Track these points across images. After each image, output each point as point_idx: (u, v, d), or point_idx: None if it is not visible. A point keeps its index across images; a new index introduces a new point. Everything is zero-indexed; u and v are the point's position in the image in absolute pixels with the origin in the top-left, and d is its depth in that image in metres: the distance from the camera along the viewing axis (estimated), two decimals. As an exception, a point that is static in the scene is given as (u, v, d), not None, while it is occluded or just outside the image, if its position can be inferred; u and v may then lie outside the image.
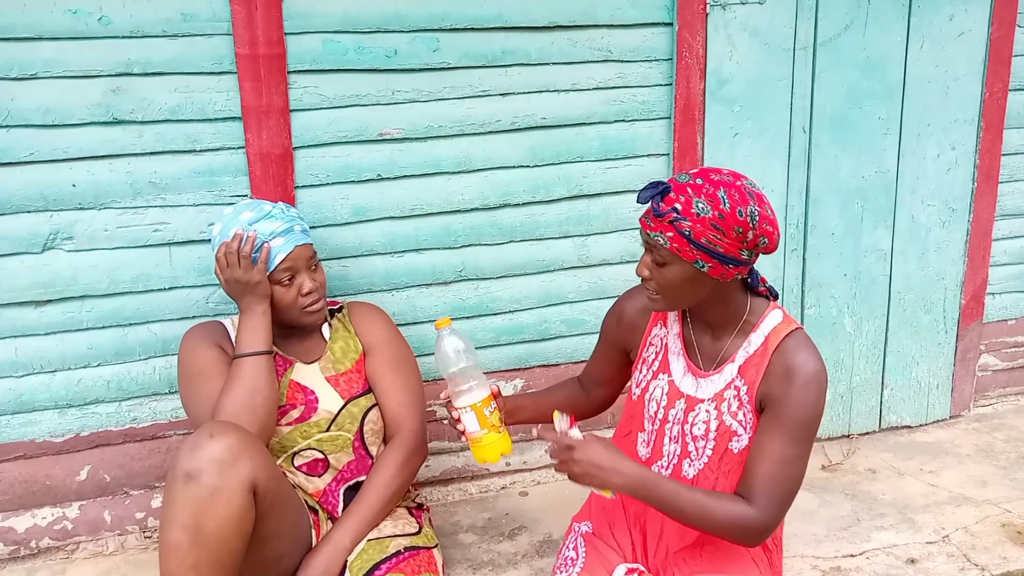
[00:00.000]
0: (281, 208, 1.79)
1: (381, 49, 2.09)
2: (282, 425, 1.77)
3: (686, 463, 1.58)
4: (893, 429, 2.78)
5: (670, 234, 1.42)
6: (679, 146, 2.35)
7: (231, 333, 1.82)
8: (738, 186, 1.43)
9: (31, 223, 1.97)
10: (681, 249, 1.42)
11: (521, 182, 2.28)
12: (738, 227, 1.41)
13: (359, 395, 1.84)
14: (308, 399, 1.80)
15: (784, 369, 1.47)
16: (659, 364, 1.64)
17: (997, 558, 2.09)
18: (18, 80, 1.89)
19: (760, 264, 2.50)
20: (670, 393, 1.60)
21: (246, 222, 1.73)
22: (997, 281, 2.80)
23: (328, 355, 1.86)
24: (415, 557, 1.72)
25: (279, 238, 1.73)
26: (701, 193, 1.41)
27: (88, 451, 2.13)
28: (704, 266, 1.44)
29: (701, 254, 1.43)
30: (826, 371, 1.48)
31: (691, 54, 2.29)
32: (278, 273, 1.74)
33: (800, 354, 1.47)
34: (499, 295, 2.35)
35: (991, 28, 2.52)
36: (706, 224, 1.41)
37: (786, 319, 1.53)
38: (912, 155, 2.56)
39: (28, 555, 2.14)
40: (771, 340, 1.51)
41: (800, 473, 1.47)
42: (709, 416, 1.55)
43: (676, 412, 1.59)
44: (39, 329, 2.03)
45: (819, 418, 1.47)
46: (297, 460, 1.79)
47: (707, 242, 1.41)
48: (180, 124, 2.00)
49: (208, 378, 1.73)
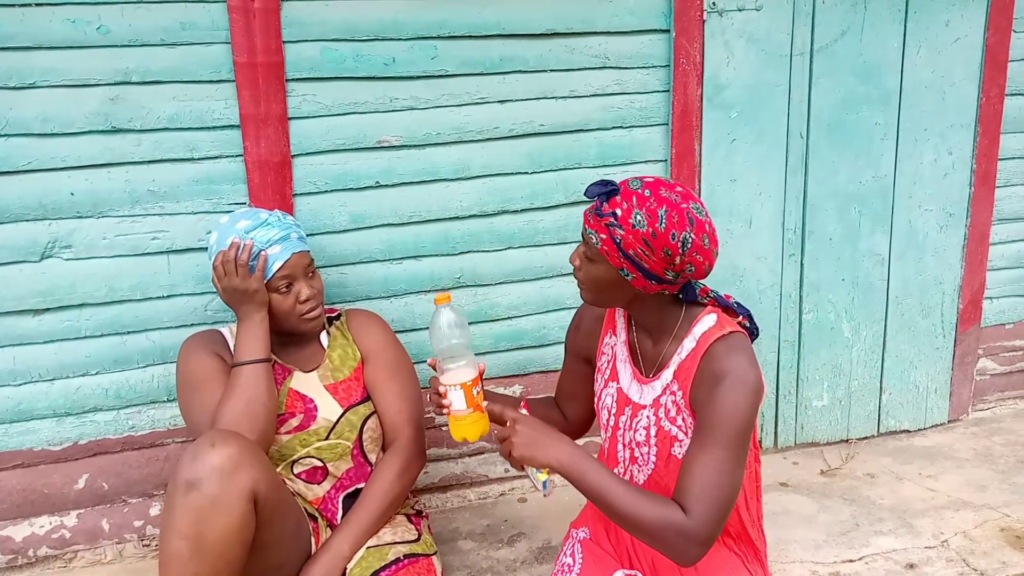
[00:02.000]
0: (278, 216, 1.79)
1: (379, 57, 2.09)
2: (281, 433, 1.76)
3: (634, 468, 1.60)
4: (892, 433, 2.78)
5: (603, 236, 1.44)
6: (677, 152, 2.36)
7: (229, 342, 1.82)
8: (682, 208, 1.41)
9: (29, 231, 1.97)
10: (610, 253, 1.44)
11: (519, 189, 2.29)
12: (667, 248, 1.41)
13: (358, 403, 1.83)
14: (307, 407, 1.79)
15: (710, 373, 1.44)
16: (609, 372, 1.66)
17: (996, 563, 2.09)
18: (17, 89, 1.89)
19: (758, 270, 2.51)
20: (619, 400, 1.62)
21: (243, 230, 1.73)
22: (995, 285, 2.80)
23: (327, 363, 1.85)
24: (414, 564, 1.72)
25: (276, 245, 1.73)
26: (644, 206, 1.41)
27: (86, 459, 2.13)
28: (628, 275, 1.45)
29: (627, 263, 1.44)
30: (758, 374, 1.43)
31: (688, 60, 2.30)
32: (275, 281, 1.74)
33: (728, 359, 1.43)
34: (498, 301, 2.35)
35: (987, 33, 2.53)
36: (638, 237, 1.41)
37: (719, 323, 1.50)
38: (909, 160, 2.57)
39: (26, 564, 2.14)
40: (701, 344, 1.49)
41: (733, 479, 1.40)
42: (650, 422, 1.55)
43: (625, 419, 1.60)
44: (37, 337, 2.03)
45: (748, 422, 1.41)
46: (296, 468, 1.79)
47: (634, 254, 1.42)
48: (178, 132, 2.00)
49: (207, 387, 1.73)
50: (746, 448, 1.43)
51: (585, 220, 1.49)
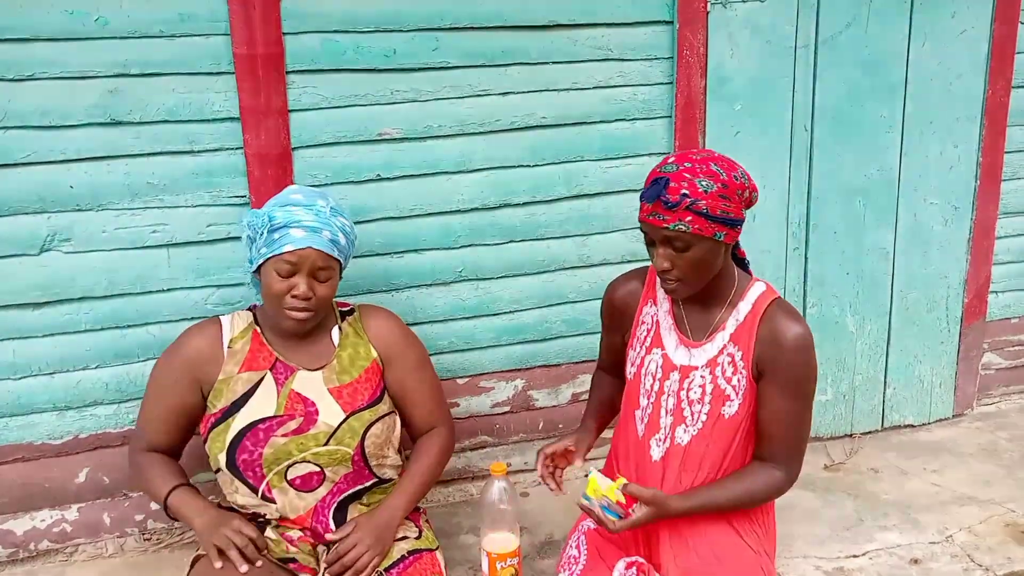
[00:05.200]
0: (326, 212, 1.68)
1: (380, 49, 2.08)
2: (278, 436, 1.68)
3: (680, 429, 1.66)
4: (896, 428, 2.77)
5: (689, 219, 1.50)
6: (680, 145, 2.34)
7: (225, 336, 1.75)
8: (719, 156, 1.55)
9: (29, 224, 1.96)
10: (702, 228, 1.51)
11: (521, 182, 2.27)
12: (739, 190, 1.54)
13: (363, 408, 1.74)
14: (308, 410, 1.71)
15: (771, 335, 1.59)
16: (651, 340, 1.71)
17: (1001, 558, 2.07)
18: (15, 81, 1.88)
19: (762, 264, 2.50)
20: (664, 366, 1.68)
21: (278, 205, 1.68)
22: (1000, 279, 2.78)
23: (334, 363, 1.76)
24: (419, 560, 1.71)
25: (299, 230, 1.63)
26: (698, 173, 1.51)
27: (87, 453, 2.12)
28: (721, 236, 1.53)
29: (718, 225, 1.52)
30: (810, 332, 1.61)
31: (692, 52, 2.28)
32: (279, 261, 1.63)
33: (785, 320, 1.60)
34: (500, 295, 2.34)
35: (994, 25, 2.51)
36: (715, 197, 1.50)
37: (769, 289, 1.66)
38: (914, 153, 2.55)
39: (27, 557, 2.13)
40: (757, 308, 1.62)
41: (807, 426, 1.65)
42: (704, 380, 1.64)
43: (671, 383, 1.67)
44: (37, 331, 2.02)
45: (814, 374, 1.63)
46: (291, 473, 1.70)
47: (722, 212, 1.51)
48: (178, 125, 1.99)
49: (160, 397, 1.75)
50: (812, 398, 1.63)
51: (657, 224, 1.52)
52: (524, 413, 2.46)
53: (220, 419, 1.70)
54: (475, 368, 2.38)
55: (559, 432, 2.50)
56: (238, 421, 1.68)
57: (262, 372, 1.72)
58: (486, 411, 2.42)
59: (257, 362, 1.73)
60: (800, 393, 1.60)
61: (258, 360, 1.73)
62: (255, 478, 1.69)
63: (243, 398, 1.70)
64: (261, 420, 1.68)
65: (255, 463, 1.67)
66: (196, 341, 1.75)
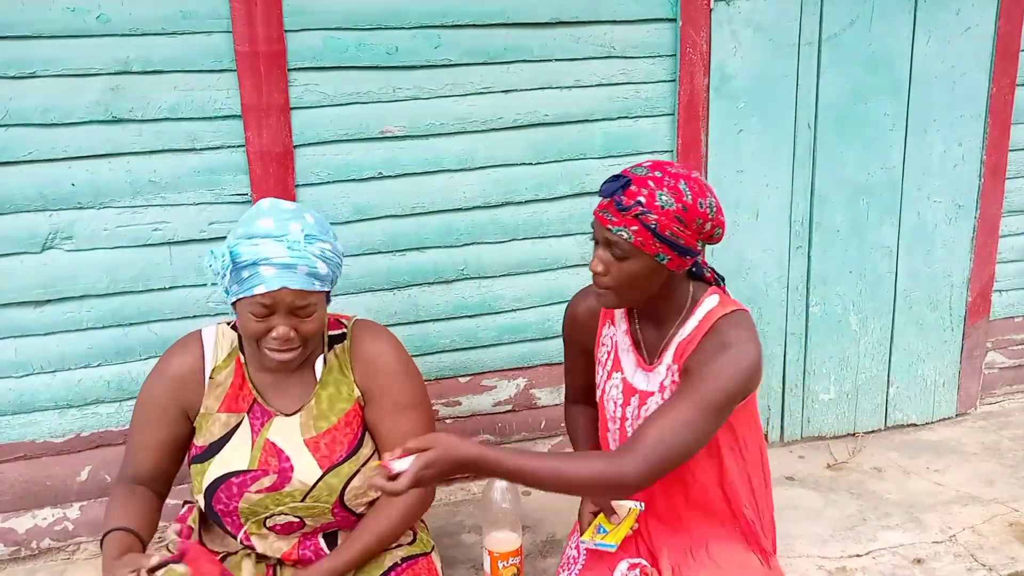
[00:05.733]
0: (297, 239, 1.45)
1: (382, 46, 2.07)
2: (251, 492, 1.55)
3: None
4: (899, 427, 2.76)
5: (635, 228, 1.41)
6: (683, 143, 2.33)
7: (207, 364, 1.59)
8: (694, 178, 1.45)
9: (30, 222, 1.96)
10: (645, 242, 1.42)
11: (524, 180, 2.27)
12: (699, 218, 1.43)
13: (341, 461, 1.57)
14: (282, 466, 1.56)
15: (711, 346, 1.45)
16: (611, 363, 1.64)
17: (1005, 558, 2.07)
18: (17, 79, 1.87)
19: (765, 262, 2.49)
20: (624, 391, 1.60)
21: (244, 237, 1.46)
22: (1004, 278, 2.77)
23: (312, 406, 1.59)
24: (413, 566, 1.65)
25: (270, 268, 1.43)
26: (663, 185, 1.42)
27: (89, 451, 2.12)
28: (664, 259, 1.44)
29: (664, 247, 1.43)
30: (757, 354, 1.43)
31: (695, 50, 2.27)
32: (252, 303, 1.45)
33: (731, 332, 1.45)
34: (502, 293, 2.34)
35: (998, 22, 2.50)
36: (670, 216, 1.41)
37: (722, 302, 1.53)
38: (918, 151, 2.54)
39: (29, 556, 2.13)
40: (704, 323, 1.50)
41: (690, 442, 1.38)
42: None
43: (632, 409, 1.59)
44: (39, 329, 2.02)
45: (732, 394, 1.41)
46: (270, 521, 1.59)
47: (671, 235, 1.42)
48: (180, 122, 1.99)
49: (147, 425, 1.59)
50: (716, 420, 1.41)
51: (603, 222, 1.45)
52: (526, 412, 2.46)
53: (199, 457, 1.59)
54: (477, 367, 2.37)
55: (561, 431, 2.49)
56: (213, 468, 1.57)
57: (240, 416, 1.58)
58: (488, 410, 2.42)
59: (236, 403, 1.59)
60: (704, 404, 1.38)
61: (238, 400, 1.59)
62: (233, 526, 1.60)
63: (219, 442, 1.58)
64: (235, 473, 1.56)
65: (232, 513, 1.58)
66: (176, 366, 1.59)
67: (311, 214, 1.52)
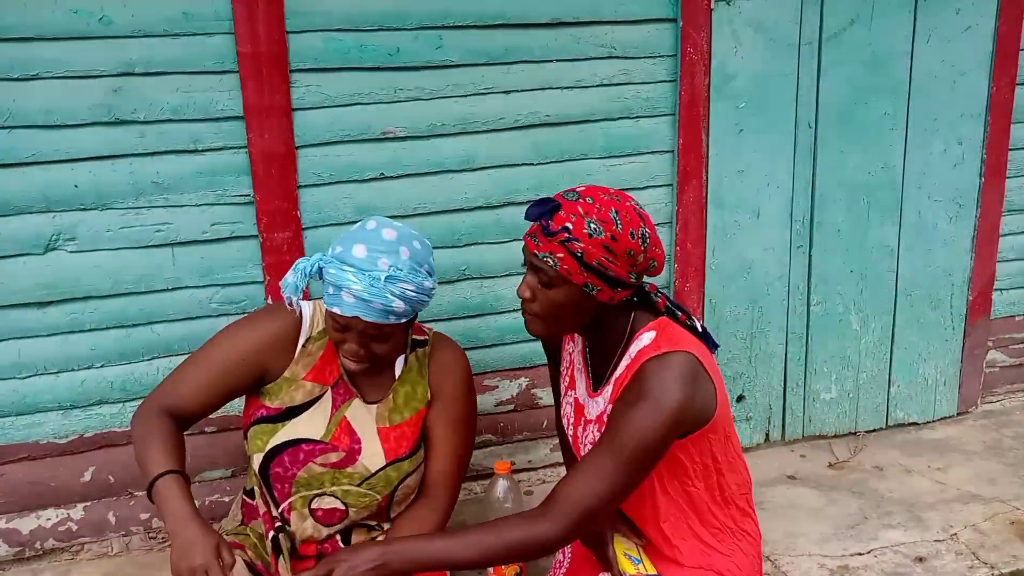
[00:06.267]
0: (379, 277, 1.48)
1: (383, 47, 2.08)
2: (316, 463, 1.61)
3: None
4: (900, 426, 2.77)
5: (560, 255, 1.36)
6: (684, 143, 2.34)
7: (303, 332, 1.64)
8: (628, 206, 1.39)
9: (34, 224, 1.96)
10: (571, 271, 1.37)
11: (525, 180, 2.27)
12: (630, 249, 1.37)
13: (404, 457, 1.66)
14: (352, 447, 1.64)
15: (631, 392, 1.38)
16: (568, 380, 1.61)
17: (1006, 556, 2.07)
18: (20, 81, 1.88)
19: (766, 262, 2.49)
20: (576, 410, 1.57)
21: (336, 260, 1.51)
22: (1005, 277, 2.78)
23: (389, 400, 1.68)
24: None
25: (349, 295, 1.49)
26: (593, 213, 1.36)
27: (92, 452, 2.13)
28: (593, 289, 1.38)
29: (591, 277, 1.37)
30: (679, 402, 1.34)
31: (695, 50, 2.28)
32: (330, 315, 1.55)
33: (652, 379, 1.36)
34: (503, 293, 2.34)
35: (998, 22, 2.50)
36: (598, 245, 1.35)
37: (655, 342, 1.42)
38: (918, 150, 2.54)
39: (33, 556, 2.14)
40: (635, 363, 1.43)
41: (609, 495, 1.35)
42: (595, 436, 1.50)
43: (581, 429, 1.55)
44: (42, 330, 2.02)
45: (651, 447, 1.34)
46: (315, 503, 1.64)
47: (598, 264, 1.36)
48: (182, 124, 1.99)
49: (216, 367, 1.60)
50: (638, 471, 1.36)
51: (530, 247, 1.40)
52: (528, 411, 2.46)
53: (269, 418, 1.62)
54: (479, 367, 2.38)
55: (563, 430, 2.50)
56: (285, 431, 1.61)
57: (324, 388, 1.65)
58: (490, 409, 2.42)
59: (324, 374, 1.65)
60: (623, 457, 1.34)
61: (325, 373, 1.65)
62: (281, 493, 1.64)
63: (298, 408, 1.63)
64: (306, 440, 1.61)
65: (286, 480, 1.62)
66: (273, 325, 1.64)
67: (409, 248, 1.54)
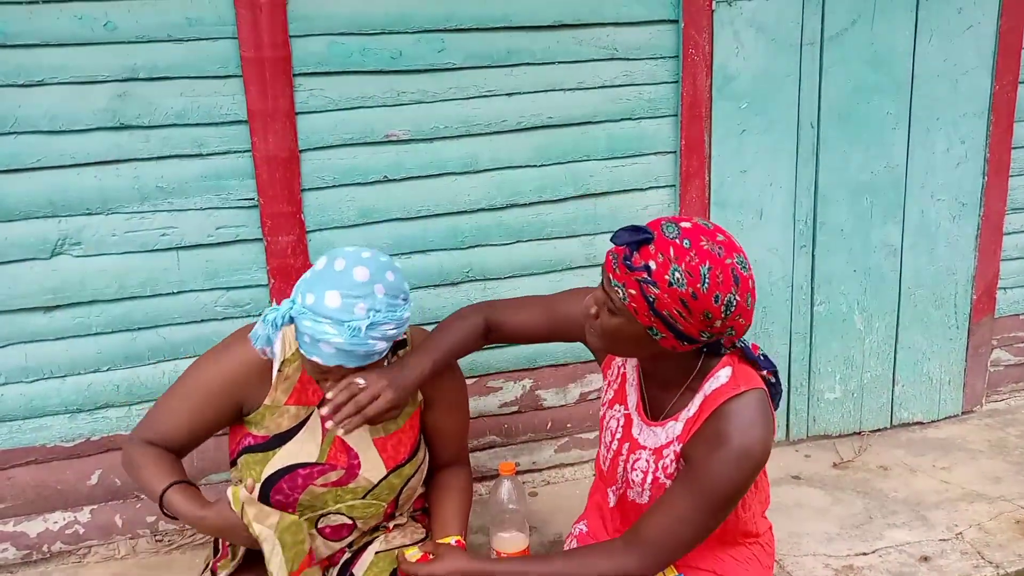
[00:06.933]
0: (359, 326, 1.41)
1: (386, 50, 2.09)
2: (317, 484, 1.57)
3: (630, 492, 1.53)
4: (905, 426, 2.76)
5: (633, 291, 1.28)
6: (686, 144, 2.34)
7: (276, 356, 1.56)
8: (727, 265, 1.27)
9: (39, 229, 1.97)
10: (639, 310, 1.29)
11: (528, 182, 2.28)
12: (708, 312, 1.27)
13: (404, 462, 1.63)
14: (351, 463, 1.59)
15: (714, 433, 1.34)
16: (615, 392, 1.56)
17: (1012, 555, 2.07)
18: (25, 87, 1.89)
19: (769, 262, 2.49)
20: (624, 426, 1.53)
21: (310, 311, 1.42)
22: (1008, 275, 2.77)
23: None
24: None
25: (328, 347, 1.43)
26: (683, 260, 1.26)
27: (99, 455, 2.14)
28: (657, 334, 1.31)
29: (658, 323, 1.29)
30: (765, 443, 1.33)
31: (697, 51, 2.28)
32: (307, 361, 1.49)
33: (735, 422, 1.32)
34: (507, 295, 2.34)
35: (1000, 20, 2.50)
36: (675, 297, 1.26)
37: (733, 380, 1.37)
38: (921, 149, 2.54)
39: (40, 559, 2.15)
40: (708, 403, 1.37)
41: (693, 538, 1.37)
42: (648, 468, 1.46)
43: (628, 447, 1.52)
44: (48, 334, 2.04)
45: (737, 494, 1.35)
46: (322, 522, 1.62)
47: (668, 315, 1.27)
48: (186, 128, 2.00)
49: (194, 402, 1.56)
50: (725, 514, 1.37)
51: (608, 268, 1.32)
52: (532, 413, 2.47)
53: (259, 447, 1.57)
54: (483, 368, 2.38)
55: (567, 431, 2.50)
56: (278, 459, 1.57)
57: (310, 409, 1.58)
58: (494, 411, 2.43)
59: (306, 395, 1.58)
60: (708, 504, 1.33)
61: (308, 393, 1.58)
62: None
63: (288, 433, 1.57)
64: (302, 465, 1.57)
65: (289, 505, 1.58)
66: (247, 355, 1.55)
67: (383, 283, 1.46)
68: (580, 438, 2.52)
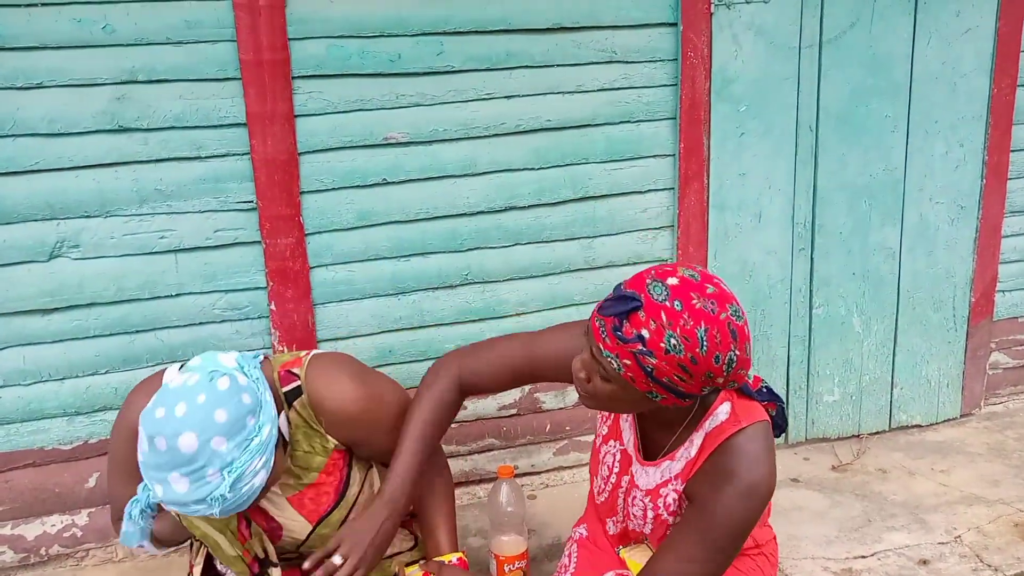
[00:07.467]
0: (226, 490, 1.27)
1: (385, 53, 2.09)
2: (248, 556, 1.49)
3: (630, 524, 1.52)
4: (903, 428, 2.76)
5: (628, 362, 1.20)
6: (685, 147, 2.34)
7: None
8: (722, 321, 1.19)
9: (37, 231, 1.97)
10: (636, 379, 1.21)
11: (526, 184, 2.28)
12: (710, 372, 1.20)
13: (329, 511, 1.54)
14: (271, 526, 1.52)
15: (718, 470, 1.31)
16: (609, 427, 1.53)
17: (1010, 558, 2.07)
18: (23, 89, 1.89)
19: (768, 265, 2.50)
20: (622, 462, 1.49)
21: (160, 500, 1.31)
22: (1007, 278, 2.78)
23: (288, 467, 1.51)
24: None
25: (215, 512, 1.31)
26: (677, 325, 1.17)
27: (97, 458, 2.13)
28: (657, 397, 1.25)
29: (658, 388, 1.22)
30: (770, 478, 1.30)
31: (696, 54, 2.28)
32: None
33: (739, 457, 1.29)
34: (506, 298, 2.35)
35: (999, 23, 2.50)
36: (673, 364, 1.18)
37: (733, 415, 1.33)
38: (920, 152, 2.54)
39: (38, 562, 2.15)
40: (710, 440, 1.34)
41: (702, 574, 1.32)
42: (646, 507, 1.45)
43: (626, 481, 1.49)
44: (46, 337, 2.03)
45: (745, 530, 1.30)
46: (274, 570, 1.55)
47: (668, 381, 1.21)
48: (185, 131, 2.00)
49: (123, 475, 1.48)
50: (736, 551, 1.32)
51: (597, 337, 1.22)
52: (531, 415, 2.47)
53: None
54: (482, 371, 2.38)
55: (566, 434, 2.50)
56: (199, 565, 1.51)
57: None
58: (493, 414, 2.43)
59: None
60: (715, 544, 1.29)
61: None
62: None
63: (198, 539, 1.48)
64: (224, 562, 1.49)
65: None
66: (126, 470, 1.46)
67: (219, 432, 1.27)
68: (579, 441, 2.52)
